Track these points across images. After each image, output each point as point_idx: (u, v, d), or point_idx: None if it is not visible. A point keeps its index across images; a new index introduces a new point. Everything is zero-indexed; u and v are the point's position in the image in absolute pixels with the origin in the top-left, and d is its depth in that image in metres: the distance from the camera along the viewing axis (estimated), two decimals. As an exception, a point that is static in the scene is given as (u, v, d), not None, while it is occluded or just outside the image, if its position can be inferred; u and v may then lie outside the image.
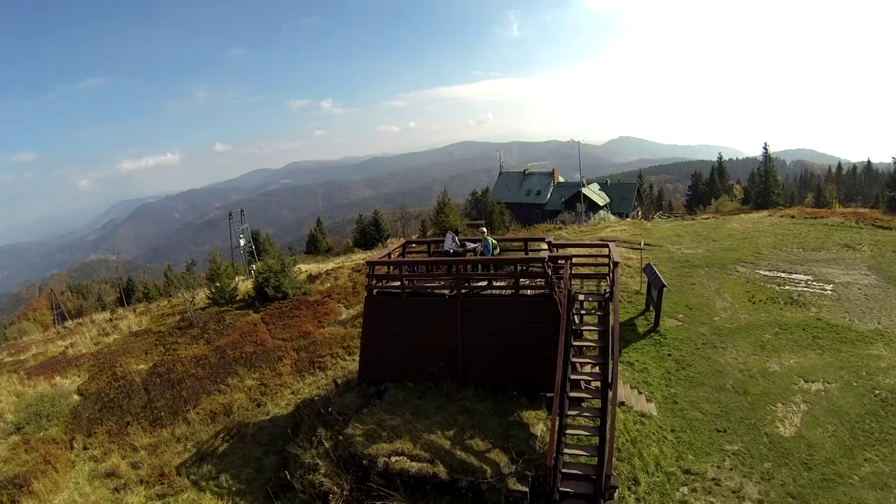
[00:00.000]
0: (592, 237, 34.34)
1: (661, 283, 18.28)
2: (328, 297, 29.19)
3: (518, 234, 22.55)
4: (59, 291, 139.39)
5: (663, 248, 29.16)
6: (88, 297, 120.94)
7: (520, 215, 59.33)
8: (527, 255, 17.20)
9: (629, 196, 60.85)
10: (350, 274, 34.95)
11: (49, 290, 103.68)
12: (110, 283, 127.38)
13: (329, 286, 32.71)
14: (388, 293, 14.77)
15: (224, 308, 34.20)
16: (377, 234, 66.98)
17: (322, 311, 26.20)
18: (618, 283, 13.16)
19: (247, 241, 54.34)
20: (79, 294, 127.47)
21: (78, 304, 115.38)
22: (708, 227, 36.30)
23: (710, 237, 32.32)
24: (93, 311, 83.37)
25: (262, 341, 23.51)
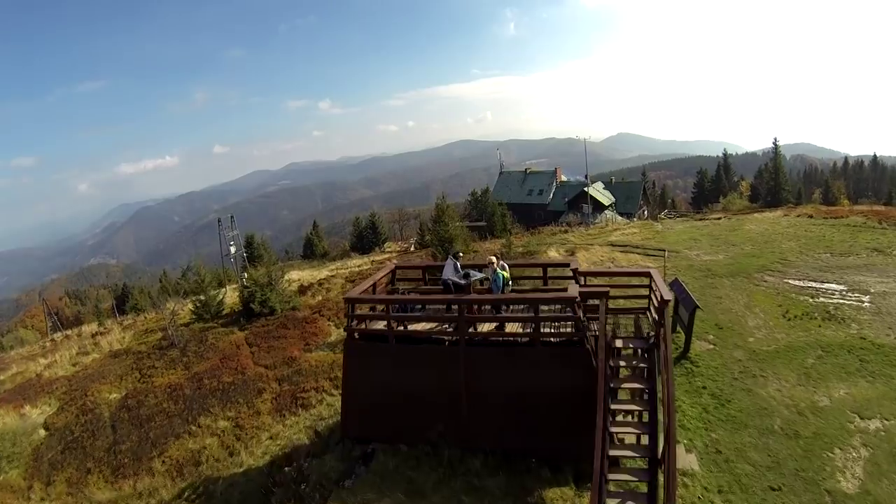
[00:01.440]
0: (602, 241, 32.10)
1: (694, 303, 16.01)
2: (318, 314, 26.97)
3: (535, 258, 19.63)
4: (58, 297, 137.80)
5: (681, 254, 26.91)
6: (86, 302, 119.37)
7: (521, 216, 57.10)
8: (547, 288, 13.67)
9: (634, 195, 58.55)
10: (343, 284, 32.67)
11: (42, 300, 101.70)
12: (108, 289, 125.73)
13: (320, 299, 30.47)
14: (373, 336, 12.12)
15: (209, 324, 32.09)
16: (374, 238, 64.77)
17: (310, 331, 23.98)
18: (668, 326, 10.55)
19: (238, 248, 51.97)
20: (77, 300, 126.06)
21: (76, 310, 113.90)
22: (723, 229, 34.09)
23: (728, 241, 30.10)
24: (88, 320, 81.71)
25: (243, 368, 21.30)
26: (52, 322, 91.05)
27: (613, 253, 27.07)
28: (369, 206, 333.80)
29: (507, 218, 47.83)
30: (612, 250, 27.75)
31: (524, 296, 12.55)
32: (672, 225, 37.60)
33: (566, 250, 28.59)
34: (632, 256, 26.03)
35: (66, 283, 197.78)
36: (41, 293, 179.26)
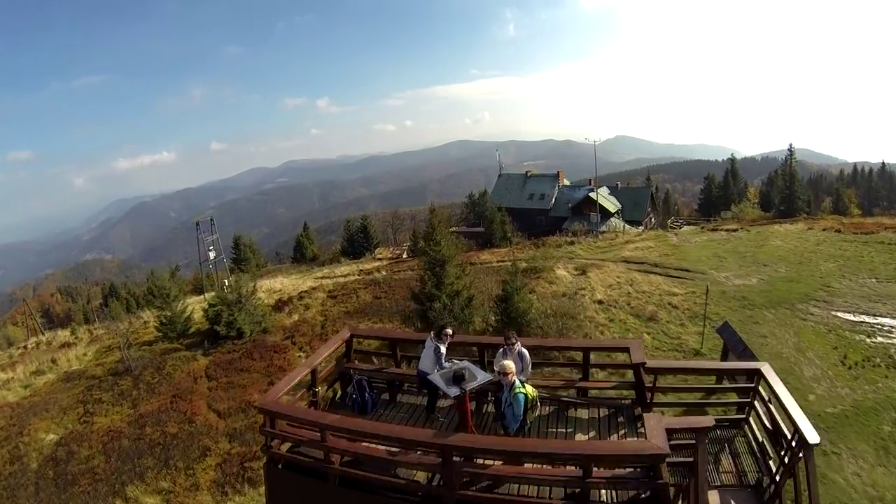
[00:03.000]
0: (614, 256, 28.68)
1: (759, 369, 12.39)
2: (290, 339, 23.63)
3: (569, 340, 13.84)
4: (49, 294, 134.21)
5: (708, 276, 23.54)
6: (78, 300, 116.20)
7: (522, 222, 53.72)
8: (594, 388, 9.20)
9: (642, 202, 55.18)
10: (324, 301, 29.27)
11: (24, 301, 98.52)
12: (100, 286, 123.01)
13: (296, 319, 27.05)
14: (304, 468, 7.65)
15: (173, 345, 28.71)
16: (365, 242, 61.28)
17: (277, 364, 20.58)
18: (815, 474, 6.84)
19: (218, 253, 48.28)
20: (68, 297, 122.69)
21: (66, 307, 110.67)
22: (748, 244, 30.77)
23: (756, 259, 26.78)
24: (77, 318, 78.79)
25: (194, 413, 17.88)
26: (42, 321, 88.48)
27: (631, 273, 23.71)
28: (366, 205, 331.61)
29: (507, 225, 44.38)
30: (628, 270, 24.39)
31: (569, 449, 6.91)
32: (688, 237, 34.27)
33: (576, 268, 25.20)
34: (653, 279, 22.67)
35: (61, 279, 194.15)
36: (35, 288, 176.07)
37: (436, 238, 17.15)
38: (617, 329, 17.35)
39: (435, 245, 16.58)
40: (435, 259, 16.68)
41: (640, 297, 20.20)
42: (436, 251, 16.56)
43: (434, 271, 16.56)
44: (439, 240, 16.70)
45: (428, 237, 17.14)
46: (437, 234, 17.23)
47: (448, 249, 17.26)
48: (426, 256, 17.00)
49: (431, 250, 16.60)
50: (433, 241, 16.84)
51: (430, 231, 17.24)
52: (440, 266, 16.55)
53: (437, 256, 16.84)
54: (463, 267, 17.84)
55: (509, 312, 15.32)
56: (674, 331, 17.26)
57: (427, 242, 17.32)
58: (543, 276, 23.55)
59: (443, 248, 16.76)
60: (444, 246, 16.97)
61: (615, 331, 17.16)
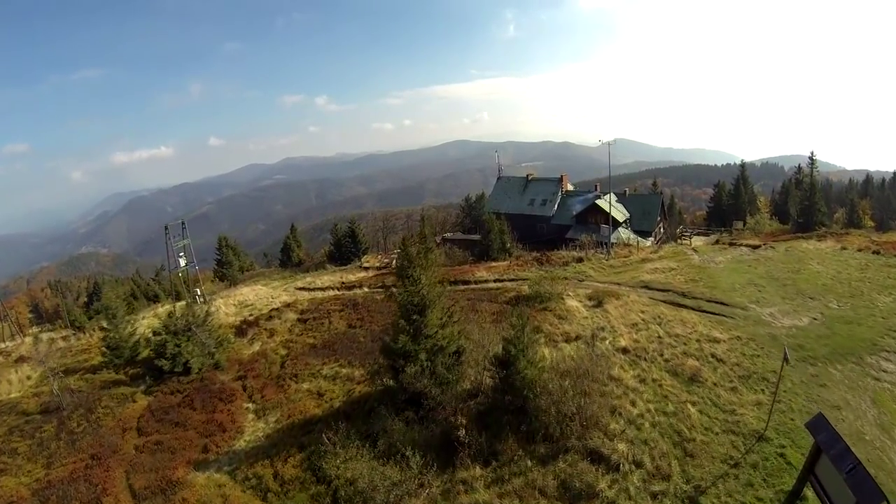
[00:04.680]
0: (632, 280, 24.56)
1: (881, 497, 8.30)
2: (243, 380, 19.49)
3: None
4: (40, 288, 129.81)
5: (749, 312, 19.48)
6: (68, 295, 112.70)
7: (521, 229, 49.53)
8: None
9: (652, 210, 50.98)
10: (293, 326, 25.13)
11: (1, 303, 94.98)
12: (92, 281, 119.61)
13: (257, 350, 22.93)
14: None
15: (116, 376, 24.80)
16: (354, 247, 57.22)
17: (218, 420, 16.46)
18: None
19: (189, 260, 44.00)
20: (58, 292, 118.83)
21: (55, 303, 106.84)
22: (782, 268, 26.72)
23: (799, 289, 22.76)
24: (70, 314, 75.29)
25: (105, 490, 13.82)
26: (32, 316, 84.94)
27: (657, 307, 19.66)
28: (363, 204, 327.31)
29: (505, 235, 40.25)
30: (653, 301, 20.34)
31: None
32: (711, 256, 30.25)
33: (589, 297, 21.14)
34: (686, 316, 18.61)
35: (56, 272, 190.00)
36: (29, 281, 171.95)
37: (413, 272, 12.90)
38: (651, 395, 13.31)
39: (412, 283, 12.37)
40: (411, 303, 12.48)
41: (674, 344, 16.16)
42: (413, 291, 12.37)
43: (410, 319, 12.53)
44: (418, 274, 12.48)
45: (403, 270, 12.86)
46: (415, 267, 12.97)
47: (431, 288, 13.02)
48: (399, 296, 12.72)
49: (407, 289, 12.39)
50: (409, 276, 12.60)
51: (407, 261, 12.98)
52: (419, 312, 12.47)
53: (415, 300, 12.64)
54: (450, 311, 13.56)
55: (512, 382, 11.20)
56: (725, 399, 13.24)
57: (402, 277, 13.03)
58: (551, 309, 19.50)
59: (423, 286, 12.57)
60: (426, 282, 12.77)
61: (649, 397, 13.11)
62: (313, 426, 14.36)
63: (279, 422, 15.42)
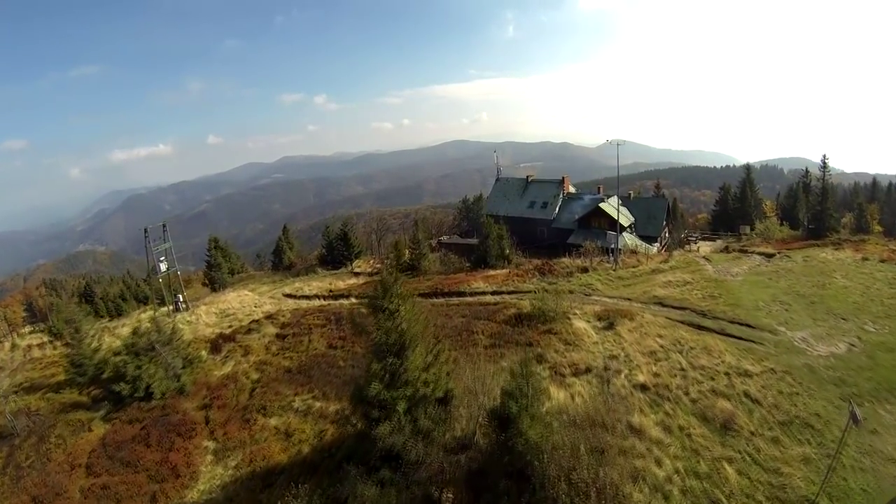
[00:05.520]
0: (643, 294, 22.26)
1: None
2: (206, 411, 17.23)
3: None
4: (35, 286, 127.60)
5: (779, 337, 17.23)
6: (62, 294, 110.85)
7: (521, 233, 47.27)
8: None
9: (657, 215, 48.69)
10: (270, 342, 22.84)
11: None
12: (86, 280, 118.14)
13: (228, 371, 20.64)
14: None
15: (78, 397, 22.76)
16: (346, 250, 54.82)
17: (172, 462, 14.20)
18: None
19: (170, 264, 41.70)
20: (52, 290, 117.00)
21: (49, 301, 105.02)
22: (805, 282, 24.46)
23: (828, 307, 20.53)
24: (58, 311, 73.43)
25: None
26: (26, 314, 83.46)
27: (675, 329, 17.42)
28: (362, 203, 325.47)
29: (504, 240, 37.92)
30: (670, 324, 18.09)
31: None
32: (726, 267, 28.03)
33: (599, 316, 18.88)
34: (709, 341, 16.34)
35: (53, 269, 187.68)
36: (26, 278, 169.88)
37: (389, 304, 10.27)
38: (679, 449, 11.05)
39: (388, 317, 9.87)
40: (386, 343, 10.13)
41: (700, 379, 13.92)
42: (388, 327, 9.87)
43: (385, 363, 10.04)
44: (396, 306, 10.00)
45: (376, 302, 10.26)
46: (392, 297, 10.35)
47: (412, 322, 10.39)
48: (374, 333, 10.21)
49: (381, 325, 9.88)
50: (384, 309, 10.01)
51: (382, 290, 10.27)
52: (396, 353, 10.19)
53: (392, 338, 10.07)
54: (436, 351, 11.02)
55: (513, 445, 8.80)
56: (766, 454, 10.99)
57: (375, 309, 10.34)
58: (556, 331, 17.25)
59: (402, 321, 10.07)
60: (406, 316, 10.23)
61: (676, 452, 10.86)
62: (276, 477, 12.15)
63: (239, 468, 13.19)
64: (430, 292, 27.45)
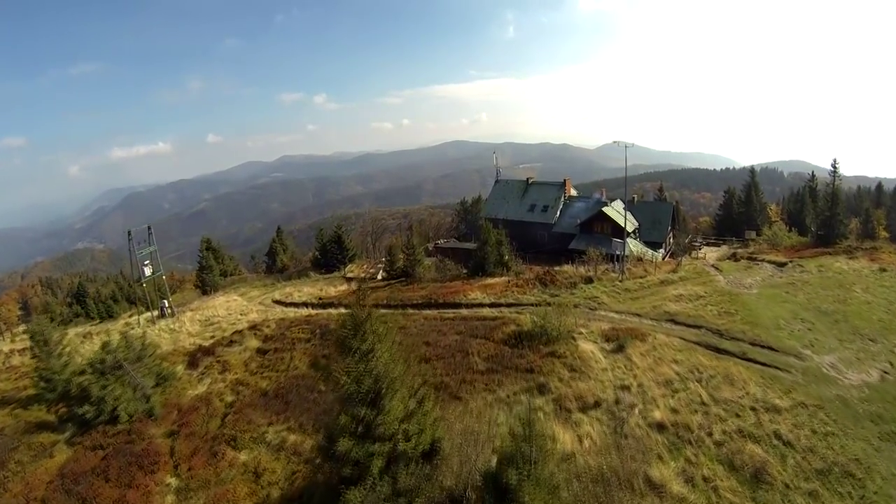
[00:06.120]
0: (653, 309, 20.63)
1: None
2: (175, 435, 15.65)
3: None
4: (30, 284, 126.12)
5: (805, 363, 15.62)
6: (58, 292, 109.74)
7: (520, 237, 45.64)
8: None
9: (663, 219, 47.06)
10: (250, 358, 21.22)
11: None
12: (84, 278, 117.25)
13: (204, 390, 19.03)
14: None
15: (45, 415, 21.20)
16: (340, 254, 53.27)
17: (133, 497, 12.68)
18: None
19: (156, 269, 40.05)
20: (48, 289, 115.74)
21: (44, 300, 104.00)
22: (826, 297, 22.78)
23: (853, 325, 18.94)
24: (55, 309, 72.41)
25: None
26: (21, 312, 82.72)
27: (693, 353, 15.80)
28: (361, 203, 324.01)
29: (504, 246, 36.30)
30: (686, 346, 16.47)
31: None
32: (738, 277, 26.48)
33: (607, 337, 17.26)
34: (732, 369, 14.71)
35: (51, 267, 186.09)
36: (24, 276, 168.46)
37: (360, 344, 8.45)
38: (706, 506, 9.50)
39: (358, 360, 8.11)
40: (358, 392, 8.40)
41: (724, 416, 12.32)
42: (360, 370, 8.12)
43: (356, 414, 8.34)
44: (370, 345, 8.25)
45: (345, 343, 8.50)
46: (364, 335, 8.51)
47: (390, 365, 8.58)
48: (342, 380, 8.47)
49: (351, 372, 8.14)
50: (355, 351, 8.22)
51: (352, 328, 8.49)
52: (371, 403, 8.34)
53: (365, 386, 8.30)
54: (420, 397, 9.28)
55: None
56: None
57: (343, 350, 8.56)
58: (560, 354, 15.64)
59: (378, 363, 8.31)
60: (382, 357, 8.47)
61: (705, 514, 9.31)
62: (239, 529, 10.58)
63: (200, 514, 11.62)
64: (424, 303, 25.87)
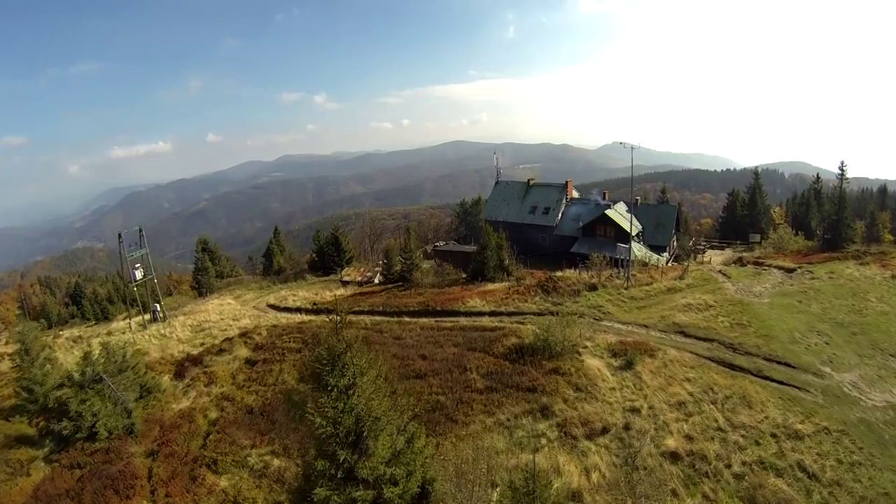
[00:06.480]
0: (661, 319, 19.64)
1: None
2: (155, 455, 14.73)
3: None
4: (29, 284, 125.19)
5: (825, 381, 14.67)
6: (56, 292, 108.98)
7: (521, 241, 44.71)
8: None
9: (667, 222, 46.03)
10: (238, 370, 20.26)
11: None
12: (83, 277, 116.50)
13: (188, 405, 18.08)
14: None
15: (25, 428, 20.34)
16: (337, 256, 52.32)
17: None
18: None
19: (147, 272, 39.11)
20: (47, 288, 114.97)
21: (42, 299, 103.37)
22: (840, 306, 21.76)
23: (872, 339, 17.95)
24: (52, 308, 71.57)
25: None
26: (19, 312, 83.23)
27: (706, 371, 14.84)
28: (360, 203, 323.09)
29: (504, 251, 35.33)
30: (698, 361, 15.52)
31: None
32: (747, 284, 25.54)
33: (614, 351, 16.31)
34: (748, 388, 13.76)
35: (50, 266, 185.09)
36: (23, 275, 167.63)
37: (338, 381, 7.30)
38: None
39: (338, 396, 7.04)
40: (336, 435, 7.37)
41: (743, 444, 11.39)
42: (339, 409, 7.06)
43: (333, 457, 7.32)
44: (349, 380, 7.16)
45: (320, 379, 7.46)
46: (343, 369, 7.39)
47: (373, 401, 7.40)
48: (317, 421, 7.34)
49: (325, 412, 7.45)
50: (333, 387, 7.11)
51: (328, 361, 7.47)
52: (352, 444, 7.30)
53: (343, 427, 7.15)
54: (409, 434, 8.22)
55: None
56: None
57: (319, 386, 7.79)
58: (564, 371, 14.69)
59: (359, 400, 7.21)
60: (365, 392, 7.36)
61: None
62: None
63: (174, 549, 10.71)
64: (421, 310, 24.92)
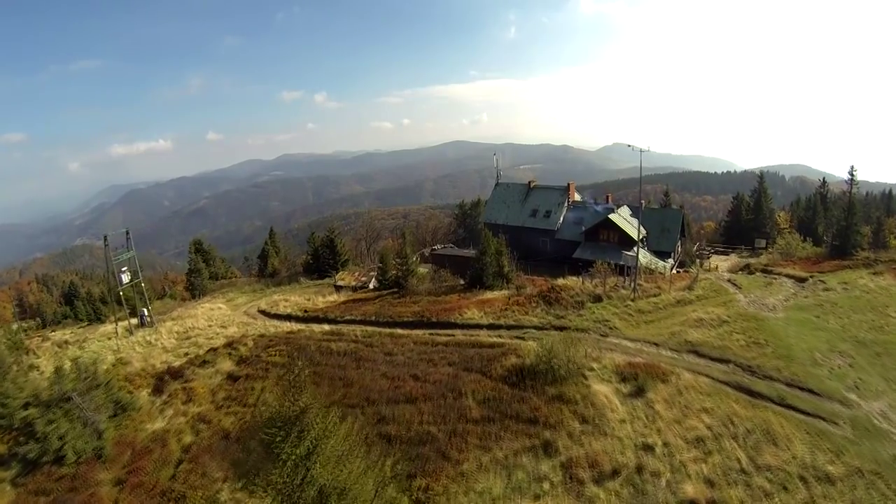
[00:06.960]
0: (671, 337, 18.30)
1: None
2: (122, 484, 13.51)
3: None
4: (27, 281, 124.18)
5: (853, 411, 13.39)
6: (53, 290, 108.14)
7: (521, 245, 43.45)
8: None
9: (672, 227, 44.66)
10: (218, 386, 19.00)
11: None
12: (79, 276, 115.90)
13: (163, 426, 16.79)
14: None
15: None
16: (332, 259, 51.18)
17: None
18: None
19: (134, 276, 37.82)
20: (44, 286, 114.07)
21: (40, 297, 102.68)
22: (860, 322, 20.40)
23: (897, 358, 16.74)
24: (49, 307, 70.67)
25: None
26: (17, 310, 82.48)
27: (724, 400, 13.55)
28: (360, 202, 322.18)
29: (504, 257, 34.05)
30: (715, 387, 14.23)
31: None
32: (760, 296, 24.29)
33: (622, 375, 15.01)
34: (772, 421, 12.46)
35: (50, 263, 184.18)
36: (22, 272, 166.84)
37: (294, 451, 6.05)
38: None
39: (295, 468, 5.71)
40: None
41: (770, 489, 10.13)
42: (298, 479, 5.80)
43: None
44: (310, 446, 5.90)
45: (273, 450, 6.19)
46: (303, 435, 6.08)
47: (341, 468, 6.05)
48: (271, 498, 6.14)
49: (286, 479, 5.77)
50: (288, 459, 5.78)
51: (283, 427, 6.16)
52: None
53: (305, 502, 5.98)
54: (389, 500, 7.10)
55: None
56: None
57: (272, 455, 6.15)
58: (569, 398, 13.40)
59: (323, 470, 5.85)
60: (328, 462, 5.98)
61: None
62: None
63: None
64: (416, 321, 23.65)
